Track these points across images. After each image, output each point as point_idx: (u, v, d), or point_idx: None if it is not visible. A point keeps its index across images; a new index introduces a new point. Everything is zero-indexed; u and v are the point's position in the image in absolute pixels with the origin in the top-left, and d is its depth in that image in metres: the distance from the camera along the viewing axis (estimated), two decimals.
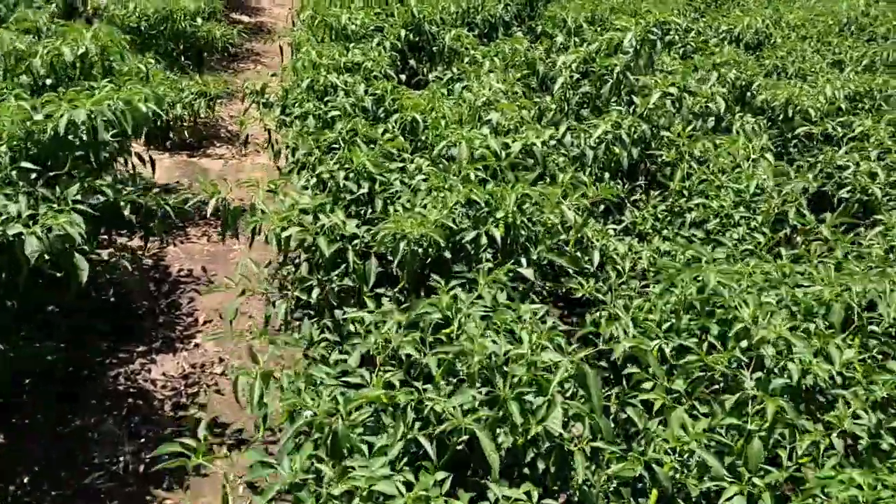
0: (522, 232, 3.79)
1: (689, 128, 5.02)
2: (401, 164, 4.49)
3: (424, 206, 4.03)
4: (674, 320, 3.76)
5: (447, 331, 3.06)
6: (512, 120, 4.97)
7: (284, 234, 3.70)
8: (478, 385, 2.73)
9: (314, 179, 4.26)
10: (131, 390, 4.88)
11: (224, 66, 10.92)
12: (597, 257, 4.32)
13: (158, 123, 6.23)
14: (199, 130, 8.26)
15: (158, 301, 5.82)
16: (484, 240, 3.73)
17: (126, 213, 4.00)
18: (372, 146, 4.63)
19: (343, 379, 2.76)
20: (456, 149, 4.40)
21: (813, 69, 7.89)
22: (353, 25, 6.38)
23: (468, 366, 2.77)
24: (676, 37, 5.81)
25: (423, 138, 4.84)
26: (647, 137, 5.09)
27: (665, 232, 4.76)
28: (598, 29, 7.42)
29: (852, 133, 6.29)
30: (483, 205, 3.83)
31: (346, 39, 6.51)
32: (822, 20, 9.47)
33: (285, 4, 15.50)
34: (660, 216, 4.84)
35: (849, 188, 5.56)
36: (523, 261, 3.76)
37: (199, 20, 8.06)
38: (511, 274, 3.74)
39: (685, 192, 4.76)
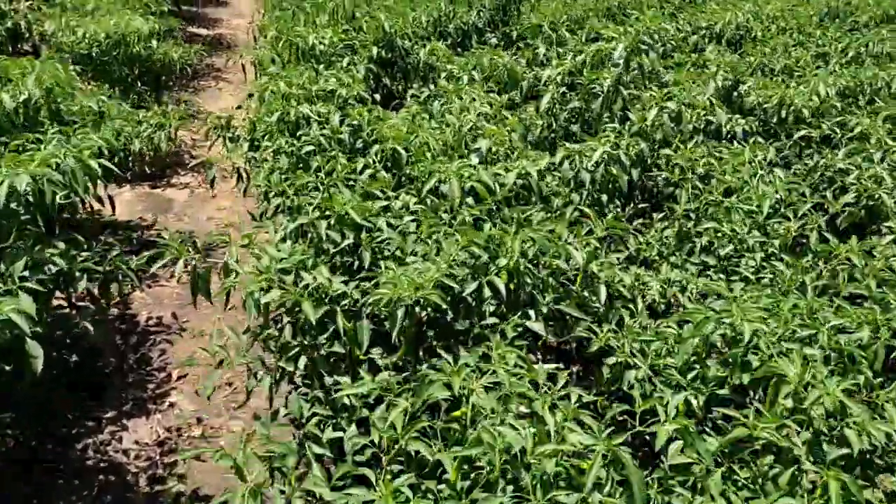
0: (528, 280, 3.43)
1: (691, 144, 4.69)
2: (385, 203, 4.10)
3: (415, 254, 3.66)
4: (697, 367, 3.44)
5: (458, 413, 2.69)
6: (502, 145, 4.60)
7: (264, 300, 3.29)
8: (501, 485, 2.36)
9: (292, 225, 3.85)
10: (102, 464, 4.44)
11: (184, 84, 10.41)
12: (603, 293, 3.97)
13: (116, 160, 5.75)
14: (162, 159, 7.77)
15: (126, 356, 5.36)
16: (486, 292, 3.36)
17: (82, 284, 3.56)
18: (352, 183, 4.24)
19: (346, 491, 2.37)
20: (445, 185, 4.02)
21: (799, 64, 7.63)
22: (322, 45, 5.96)
23: (489, 462, 2.40)
24: (669, 45, 5.49)
25: (408, 171, 4.46)
26: (645, 156, 4.75)
27: (673, 259, 4.43)
28: (580, 37, 7.07)
29: (851, 133, 6.02)
30: (482, 251, 3.46)
31: (314, 60, 6.09)
32: (802, 10, 9.24)
33: (244, 15, 14.99)
34: (665, 241, 4.51)
35: (854, 194, 5.28)
36: (531, 313, 3.40)
37: (155, 42, 7.57)
38: (519, 329, 3.39)
39: (692, 215, 4.43)
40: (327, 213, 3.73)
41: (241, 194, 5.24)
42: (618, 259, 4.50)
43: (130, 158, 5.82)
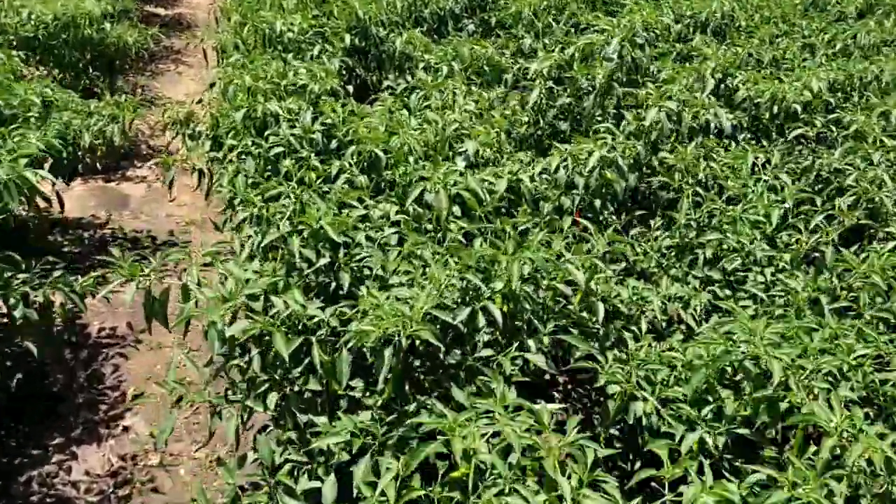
0: (527, 305, 3.08)
1: (691, 146, 4.36)
2: (363, 212, 3.71)
3: (399, 273, 3.28)
4: (710, 398, 3.15)
5: (457, 474, 2.33)
6: (489, 146, 4.23)
7: (230, 332, 2.89)
8: None
9: (261, 241, 3.45)
10: (48, 500, 4.01)
11: (140, 68, 9.80)
12: (601, 310, 3.63)
13: (64, 155, 5.25)
14: (116, 150, 7.23)
15: (76, 373, 4.90)
16: (481, 319, 3.00)
17: (18, 312, 3.12)
18: (326, 190, 3.84)
19: None
20: (431, 194, 3.64)
21: (787, 56, 7.36)
22: (291, 33, 5.49)
23: None
24: (653, 34, 5.14)
25: (387, 175, 4.07)
26: (642, 159, 4.42)
27: (674, 271, 4.12)
28: (564, 25, 6.70)
29: (846, 131, 5.76)
30: (475, 274, 3.10)
31: (281, 48, 5.63)
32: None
33: None
34: (665, 252, 4.19)
35: (853, 196, 5.01)
36: (531, 344, 3.05)
37: (108, 25, 7.01)
38: (517, 363, 3.05)
39: (693, 224, 4.11)
40: (300, 227, 3.32)
41: (205, 199, 4.80)
42: (614, 271, 4.17)
43: (80, 154, 5.30)
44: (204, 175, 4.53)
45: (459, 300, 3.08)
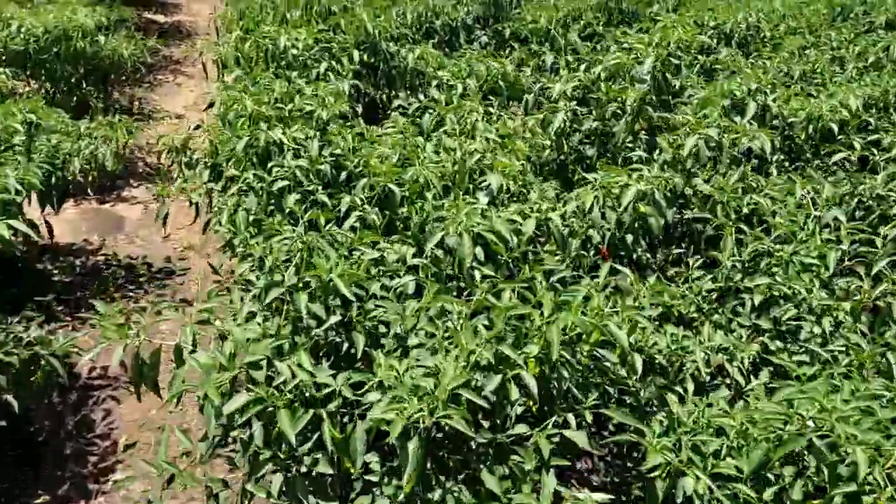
0: (565, 373, 2.71)
1: (734, 178, 3.99)
2: (377, 254, 3.35)
3: (418, 333, 2.92)
4: (772, 478, 2.78)
5: None
6: (514, 180, 3.87)
7: (227, 408, 2.53)
8: None
9: (263, 293, 3.08)
10: None
11: (138, 80, 9.45)
12: (639, 362, 3.27)
13: (53, 180, 4.90)
14: (110, 172, 6.87)
15: (65, 418, 4.54)
16: (513, 391, 2.63)
17: None
18: (336, 230, 3.48)
19: None
20: (452, 238, 3.27)
21: (817, 70, 6.99)
22: (295, 49, 5.13)
23: None
24: (674, 46, 4.76)
25: (402, 212, 3.70)
26: (679, 191, 4.05)
27: (716, 317, 3.75)
28: (592, 43, 6.34)
29: (889, 154, 5.39)
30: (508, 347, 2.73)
31: (285, 65, 5.27)
32: (811, 8, 8.60)
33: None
34: (706, 295, 3.82)
35: None
36: (571, 418, 2.68)
37: (102, 38, 6.65)
38: (555, 441, 2.68)
39: (738, 265, 3.74)
40: (307, 279, 2.96)
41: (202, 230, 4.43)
42: (649, 317, 3.80)
43: (70, 179, 4.95)
44: (201, 208, 4.17)
45: (488, 364, 2.72)
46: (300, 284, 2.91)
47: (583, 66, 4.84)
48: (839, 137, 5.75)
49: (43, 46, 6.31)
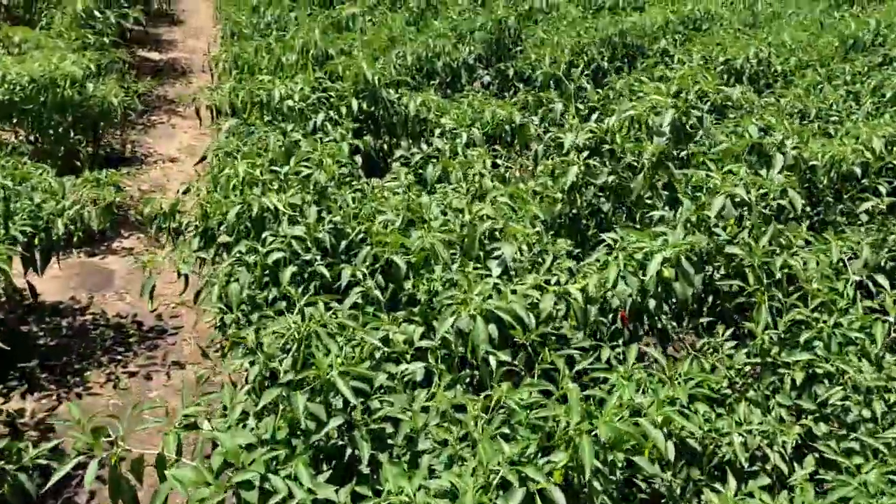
0: (598, 485, 2.40)
1: (764, 240, 3.70)
2: (382, 334, 3.05)
3: (429, 435, 2.61)
4: None
5: None
6: (528, 247, 3.58)
7: None
8: None
9: (256, 398, 2.78)
10: None
11: (131, 121, 9.21)
12: (671, 449, 2.96)
13: (37, 240, 4.62)
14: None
15: None
16: None
17: None
18: (336, 305, 3.18)
19: None
20: (463, 320, 2.98)
21: (834, 109, 6.74)
22: (291, 100, 4.87)
23: None
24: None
25: (408, 287, 3.41)
26: (704, 254, 3.77)
27: (752, 393, 3.44)
28: (598, 79, 6.09)
29: None
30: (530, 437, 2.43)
31: (280, 116, 5.00)
32: (823, 40, 8.38)
33: (200, 34, 13.80)
34: (740, 370, 3.51)
35: None
36: None
37: (90, 86, 6.39)
38: None
39: (774, 339, 3.44)
40: (305, 376, 2.66)
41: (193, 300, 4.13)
42: (685, 405, 3.48)
43: (54, 241, 4.67)
44: (191, 278, 3.87)
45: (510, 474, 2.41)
46: (297, 380, 2.61)
47: (594, 115, 4.57)
48: (863, 181, 5.49)
49: (29, 96, 6.06)
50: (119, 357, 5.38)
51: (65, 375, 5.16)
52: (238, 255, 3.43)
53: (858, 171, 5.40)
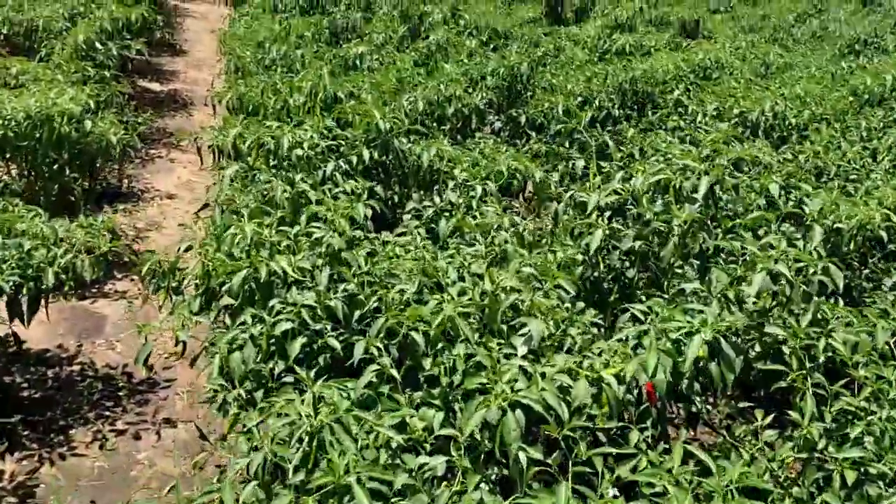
0: None
1: (806, 322, 3.47)
2: (396, 421, 2.79)
3: None
4: None
5: None
6: (556, 324, 3.33)
7: None
8: None
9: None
10: None
11: (129, 156, 8.95)
12: None
13: (25, 290, 4.35)
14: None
15: None
16: None
17: None
18: (348, 384, 2.92)
19: None
20: (491, 413, 2.72)
21: (854, 167, 6.57)
22: (300, 149, 4.64)
23: None
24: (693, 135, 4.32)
25: (427, 366, 3.15)
26: (740, 332, 3.53)
27: (797, 490, 3.18)
28: (613, 136, 5.90)
29: None
30: None
31: (288, 166, 4.77)
32: (836, 94, 8.26)
33: (202, 65, 13.64)
34: (783, 462, 3.26)
35: None
36: None
37: (88, 123, 6.16)
38: None
39: (821, 430, 3.19)
40: (318, 479, 2.38)
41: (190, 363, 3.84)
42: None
43: (42, 291, 4.39)
44: (189, 344, 3.60)
45: None
46: (308, 488, 2.33)
47: (619, 174, 4.36)
48: (889, 247, 5.30)
49: (24, 132, 5.81)
50: (107, 413, 5.05)
51: (48, 433, 4.84)
52: (242, 325, 3.17)
53: (885, 235, 5.21)
